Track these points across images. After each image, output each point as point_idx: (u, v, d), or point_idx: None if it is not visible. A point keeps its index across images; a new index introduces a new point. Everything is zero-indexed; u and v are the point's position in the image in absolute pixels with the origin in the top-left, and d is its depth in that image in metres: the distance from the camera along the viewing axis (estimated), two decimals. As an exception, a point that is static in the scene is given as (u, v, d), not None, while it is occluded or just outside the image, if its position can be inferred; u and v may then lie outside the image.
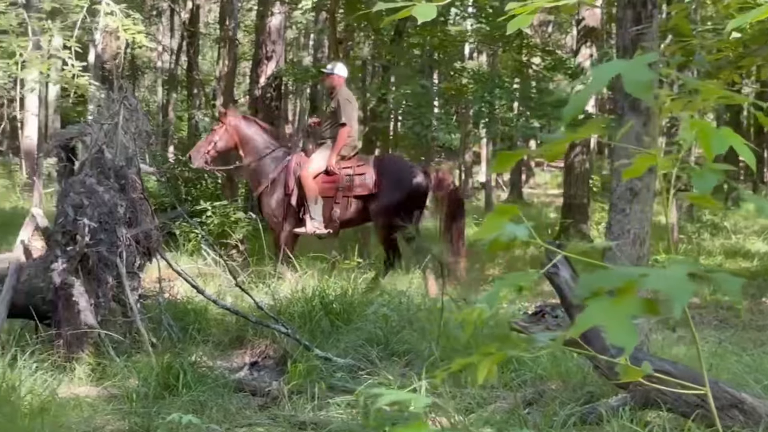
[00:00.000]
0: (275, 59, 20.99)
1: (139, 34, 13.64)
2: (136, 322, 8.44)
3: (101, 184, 8.62)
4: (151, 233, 8.86)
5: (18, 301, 8.73)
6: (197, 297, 10.08)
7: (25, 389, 6.75)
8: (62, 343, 8.19)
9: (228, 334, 9.69)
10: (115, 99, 8.97)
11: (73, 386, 7.48)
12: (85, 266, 8.40)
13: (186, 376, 7.31)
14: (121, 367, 7.78)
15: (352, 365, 8.17)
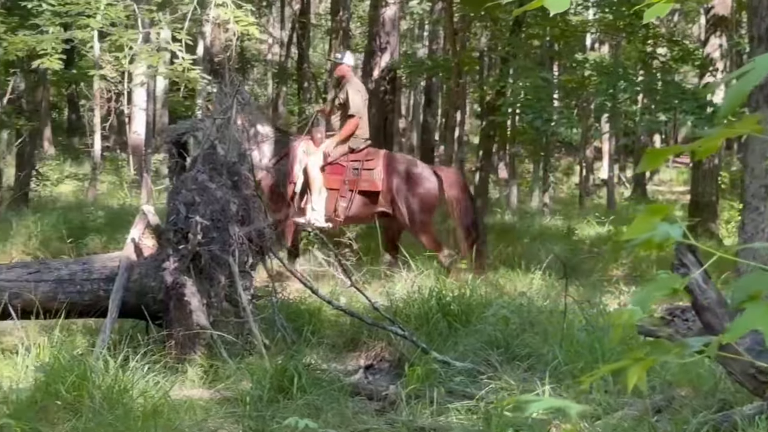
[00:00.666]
0: (389, 51, 21.02)
1: (251, 25, 13.74)
2: (249, 323, 8.48)
3: (213, 180, 8.69)
4: (264, 231, 8.90)
5: (129, 301, 8.86)
6: (310, 297, 10.12)
7: (137, 391, 6.83)
8: (174, 344, 8.28)
9: (342, 336, 9.69)
10: (228, 93, 9.03)
11: (185, 388, 7.55)
12: (197, 265, 8.46)
13: (301, 379, 7.33)
14: (234, 369, 7.84)
15: (472, 369, 8.12)
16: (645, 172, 36.46)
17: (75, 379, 6.80)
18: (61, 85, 40.07)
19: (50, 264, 9.66)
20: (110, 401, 6.59)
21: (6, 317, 8.80)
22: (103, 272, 9.15)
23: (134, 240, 9.21)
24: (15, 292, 8.92)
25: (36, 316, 8.61)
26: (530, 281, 12.56)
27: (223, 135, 8.85)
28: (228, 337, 8.32)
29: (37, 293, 8.89)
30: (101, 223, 19.08)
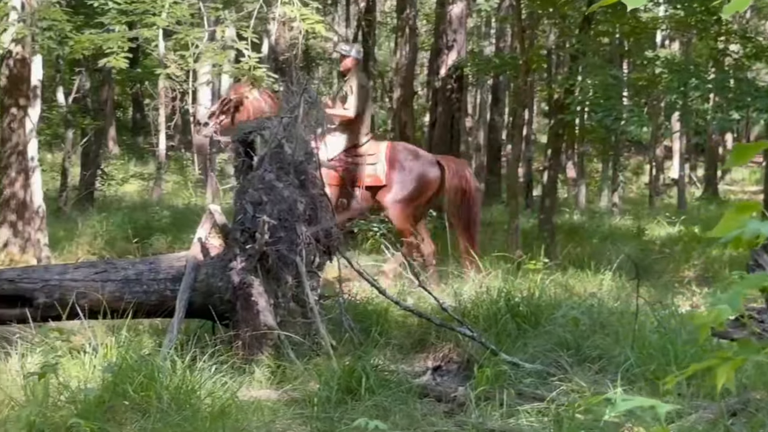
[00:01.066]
0: (456, 49, 21.01)
1: (318, 23, 13.77)
2: (316, 324, 8.50)
3: (280, 179, 8.71)
4: (332, 231, 8.92)
5: (195, 301, 8.92)
6: (377, 298, 10.12)
7: (205, 391, 6.88)
8: (241, 344, 8.32)
9: (410, 337, 9.68)
10: (295, 91, 9.05)
11: (252, 389, 7.58)
12: (264, 265, 8.50)
13: (368, 380, 7.33)
14: (301, 370, 7.86)
15: (542, 371, 8.08)
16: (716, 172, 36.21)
17: (143, 379, 6.85)
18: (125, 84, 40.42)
19: (117, 264, 9.76)
20: (178, 402, 6.64)
21: (73, 317, 8.89)
22: (169, 272, 9.22)
23: (201, 239, 9.26)
24: (82, 292, 9.01)
25: (103, 316, 8.69)
26: (600, 282, 12.50)
27: (290, 134, 8.88)
28: (295, 338, 8.35)
29: (103, 293, 8.97)
30: (166, 222, 19.24)
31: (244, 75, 14.08)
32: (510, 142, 32.70)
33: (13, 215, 15.28)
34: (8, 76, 15.08)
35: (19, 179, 15.18)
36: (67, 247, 16.28)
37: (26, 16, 14.09)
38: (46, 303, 9.02)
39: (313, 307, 8.56)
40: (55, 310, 9.00)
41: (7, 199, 15.32)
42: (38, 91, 14.76)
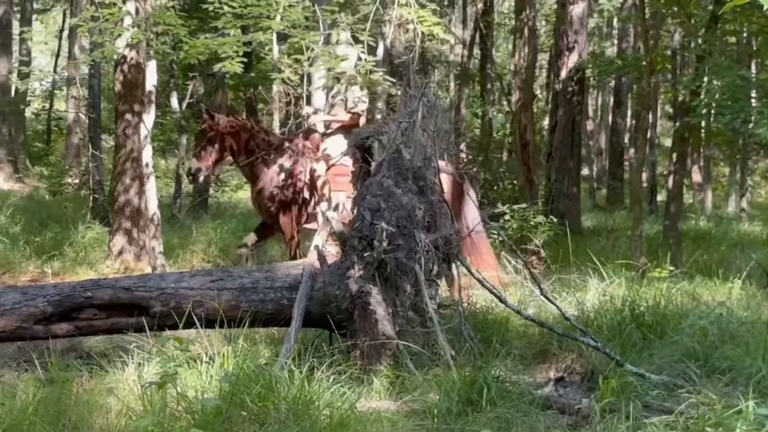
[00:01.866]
0: (577, 50, 20.90)
1: (436, 26, 13.75)
2: (436, 333, 8.48)
3: (399, 186, 8.72)
4: (451, 238, 8.90)
5: (312, 310, 8.96)
6: (497, 307, 10.08)
7: (323, 402, 6.89)
8: (359, 354, 8.33)
9: (531, 347, 9.62)
10: (413, 95, 9.05)
11: (371, 400, 7.59)
12: (383, 273, 8.49)
13: (490, 392, 7.29)
14: (420, 380, 7.85)
15: (669, 382, 7.98)
16: None
17: (260, 389, 6.90)
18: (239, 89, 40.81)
19: (233, 272, 9.83)
20: (296, 412, 6.67)
21: (189, 326, 8.99)
22: (286, 280, 9.28)
23: (318, 247, 9.30)
24: (198, 300, 9.12)
25: (219, 325, 8.77)
26: (729, 291, 12.27)
27: (408, 139, 8.88)
28: (414, 348, 8.34)
29: (220, 301, 9.07)
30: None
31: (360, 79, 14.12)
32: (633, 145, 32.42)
33: (127, 222, 15.53)
34: (123, 81, 15.34)
35: (133, 186, 15.43)
36: (182, 255, 16.48)
37: (141, 21, 14.29)
38: (162, 312, 9.15)
39: (432, 316, 8.54)
40: (171, 318, 9.12)
41: (122, 206, 15.57)
42: (153, 97, 14.94)
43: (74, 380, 7.73)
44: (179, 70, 24.44)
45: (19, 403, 6.69)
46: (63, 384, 7.32)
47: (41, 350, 9.16)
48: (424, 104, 9.00)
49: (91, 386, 7.63)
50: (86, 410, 6.82)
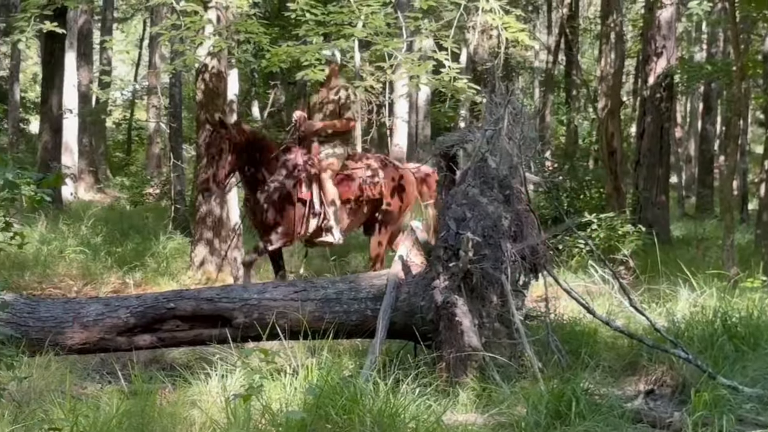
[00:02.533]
0: (665, 56, 20.74)
1: (521, 32, 13.71)
2: (523, 345, 8.44)
3: (484, 195, 8.69)
4: (538, 248, 8.86)
5: (397, 321, 8.97)
6: (585, 318, 10.03)
7: (408, 415, 6.89)
8: (445, 366, 8.32)
9: (620, 360, 9.56)
10: (499, 103, 9.02)
11: (457, 413, 7.57)
12: (468, 284, 8.47)
13: (578, 405, 7.24)
14: (507, 393, 7.81)
15: (763, 395, 7.89)
16: None
17: (345, 402, 6.90)
18: (320, 98, 40.99)
19: (316, 283, 9.88)
20: (381, 425, 6.67)
21: (273, 337, 9.04)
22: (370, 291, 9.30)
23: (402, 257, 9.30)
24: (281, 312, 9.18)
25: (303, 337, 8.81)
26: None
27: (494, 147, 8.86)
28: (501, 360, 8.31)
29: (303, 313, 9.11)
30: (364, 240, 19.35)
31: (444, 87, 14.11)
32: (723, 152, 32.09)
33: (209, 233, 15.63)
34: (204, 90, 15.44)
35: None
36: (264, 265, 16.53)
37: (222, 29, 14.41)
38: (245, 323, 9.23)
39: (519, 327, 8.49)
40: (254, 330, 9.19)
41: (204, 217, 15.68)
42: (234, 106, 15.11)
43: (158, 392, 7.78)
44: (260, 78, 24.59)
45: (103, 415, 6.75)
46: (146, 396, 7.37)
47: (124, 362, 9.27)
48: (509, 112, 8.97)
49: (175, 398, 7.68)
50: (170, 423, 6.87)
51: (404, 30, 14.34)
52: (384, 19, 14.09)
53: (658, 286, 12.07)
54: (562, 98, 37.40)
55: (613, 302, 11.12)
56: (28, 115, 45.48)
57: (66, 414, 6.63)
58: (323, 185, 12.65)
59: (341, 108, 12.97)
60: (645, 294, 11.81)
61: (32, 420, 6.57)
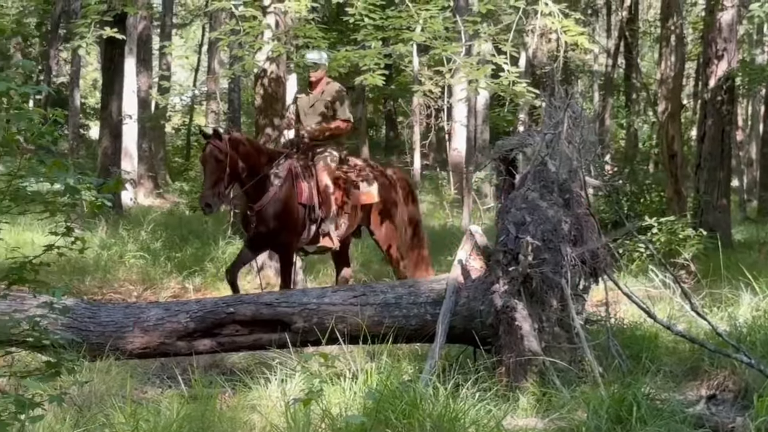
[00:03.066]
0: (726, 58, 20.57)
1: (580, 35, 13.66)
2: (583, 349, 8.41)
3: (544, 198, 8.68)
4: (598, 252, 8.82)
5: (456, 325, 8.97)
6: (646, 322, 9.97)
7: (468, 420, 6.88)
8: (504, 370, 8.30)
9: (681, 364, 9.51)
10: (558, 106, 9.01)
11: (517, 417, 7.55)
12: (528, 288, 8.45)
13: (640, 410, 7.21)
14: (567, 398, 7.78)
15: (828, 401, 7.80)
16: None
17: (405, 406, 6.90)
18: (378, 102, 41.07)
19: (375, 287, 9.88)
20: (441, 430, 6.67)
21: (332, 341, 9.07)
22: (429, 295, 9.30)
23: (461, 261, 9.30)
24: (341, 316, 9.20)
25: (363, 341, 8.82)
26: None
27: (553, 151, 8.84)
28: (561, 364, 8.28)
29: (362, 317, 9.13)
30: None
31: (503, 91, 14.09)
32: (785, 155, 31.83)
33: (269, 238, 15.66)
34: (263, 95, 15.51)
35: (274, 201, 15.55)
36: (323, 270, 16.59)
37: (281, 34, 14.47)
38: (304, 327, 9.26)
39: (579, 331, 8.47)
40: (314, 334, 9.23)
41: (261, 221, 15.71)
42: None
43: (218, 396, 7.84)
44: (318, 82, 24.65)
45: (164, 419, 6.80)
46: (207, 400, 7.42)
47: (184, 366, 9.32)
48: (569, 115, 8.95)
49: (235, 403, 7.73)
50: (230, 427, 6.91)
51: (463, 34, 14.34)
52: (443, 23, 14.09)
53: (720, 290, 11.96)
54: (622, 102, 37.23)
55: (674, 306, 11.06)
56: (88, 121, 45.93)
57: (127, 418, 6.68)
58: (322, 190, 12.42)
59: (334, 110, 12.83)
60: (706, 298, 11.72)
61: (93, 424, 6.63)
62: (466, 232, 9.71)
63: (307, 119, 12.89)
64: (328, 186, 12.43)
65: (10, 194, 6.00)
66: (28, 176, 6.07)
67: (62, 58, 43.84)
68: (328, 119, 12.80)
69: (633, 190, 22.34)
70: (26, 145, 6.11)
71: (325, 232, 12.46)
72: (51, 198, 6.32)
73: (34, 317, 6.71)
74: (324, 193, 12.40)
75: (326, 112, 12.82)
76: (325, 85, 12.93)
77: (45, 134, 5.95)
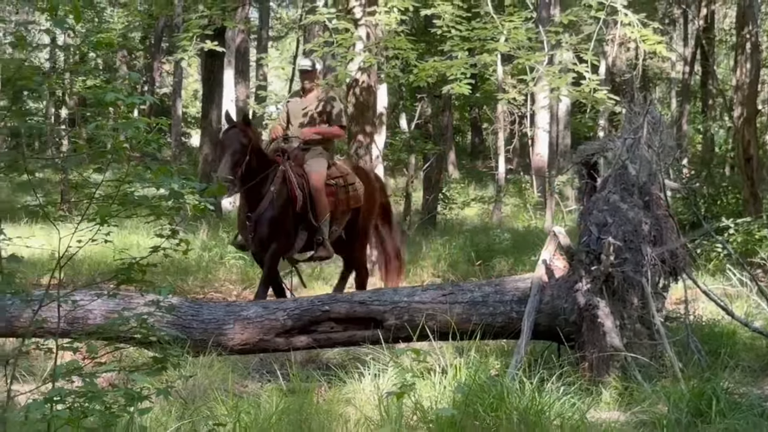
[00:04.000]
0: (801, 64, 20.32)
1: (659, 44, 13.56)
2: (663, 345, 8.35)
3: (624, 201, 8.63)
4: (677, 252, 8.75)
5: (541, 322, 8.93)
6: (724, 319, 9.88)
7: (553, 413, 6.86)
8: (587, 365, 8.27)
9: (759, 360, 9.40)
10: (638, 112, 8.95)
11: (600, 411, 7.51)
12: (610, 286, 8.41)
13: (719, 404, 7.14)
14: (649, 392, 7.72)
15: None
16: None
17: (492, 400, 6.90)
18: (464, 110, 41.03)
19: (463, 286, 9.87)
20: (527, 423, 6.65)
21: (422, 338, 9.07)
22: (515, 294, 9.27)
23: (546, 261, 9.26)
24: (430, 314, 9.19)
25: (453, 337, 8.82)
26: None
27: (633, 155, 8.78)
28: (642, 360, 8.23)
29: (451, 315, 9.12)
30: (507, 245, 19.33)
31: (584, 98, 14.03)
32: None
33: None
34: (355, 103, 15.58)
35: (365, 204, 15.62)
36: (412, 270, 16.61)
37: (371, 46, 14.52)
38: (395, 324, 9.26)
39: (660, 328, 8.41)
40: (405, 331, 9.22)
41: (354, 224, 15.78)
42: (383, 118, 15.21)
43: (314, 390, 7.87)
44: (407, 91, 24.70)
45: (264, 412, 6.85)
46: (304, 394, 7.46)
47: (282, 362, 9.37)
48: (648, 121, 8.88)
49: (330, 396, 7.75)
50: (326, 419, 6.93)
51: (545, 44, 14.28)
52: (526, 34, 14.07)
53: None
54: (699, 107, 36.88)
55: (751, 304, 10.96)
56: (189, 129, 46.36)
57: (229, 410, 6.74)
58: (315, 198, 11.70)
59: (328, 115, 12.20)
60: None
61: (198, 416, 6.69)
62: (549, 233, 9.66)
63: (297, 123, 12.27)
64: (320, 191, 11.76)
65: (118, 199, 6.08)
66: (134, 182, 6.15)
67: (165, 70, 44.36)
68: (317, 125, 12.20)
69: (710, 193, 22.10)
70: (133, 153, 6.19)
71: (319, 240, 11.83)
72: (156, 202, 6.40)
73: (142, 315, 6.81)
74: (317, 199, 11.73)
75: (317, 118, 12.21)
76: (319, 92, 12.35)
77: (151, 142, 6.02)
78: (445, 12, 13.77)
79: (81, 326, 8.74)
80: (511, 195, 32.35)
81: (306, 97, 12.30)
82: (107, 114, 25.57)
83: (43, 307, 6.20)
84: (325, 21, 15.08)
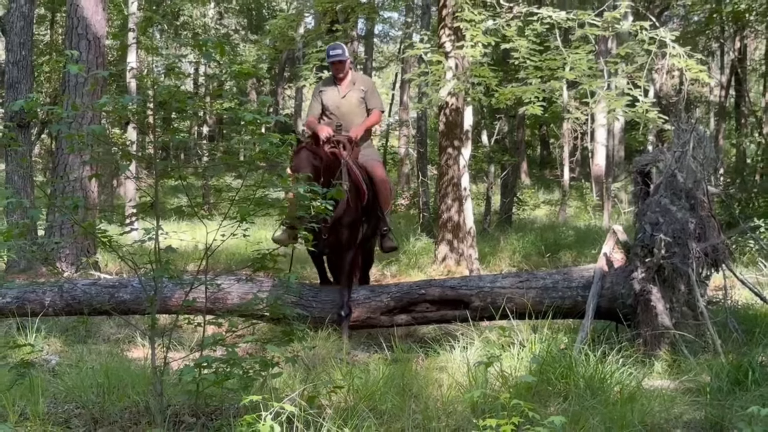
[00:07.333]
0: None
1: (701, 72, 13.40)
2: (706, 325, 8.25)
3: (674, 204, 8.53)
4: (718, 246, 8.64)
5: (602, 305, 8.88)
6: (757, 303, 9.72)
7: (614, 380, 6.80)
8: (642, 342, 8.21)
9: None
10: (685, 129, 8.85)
11: (652, 380, 7.42)
12: (661, 275, 8.35)
13: (754, 374, 7.02)
14: (694, 364, 7.63)
15: None
16: None
17: (562, 369, 6.88)
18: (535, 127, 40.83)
19: (536, 274, 9.86)
20: (592, 388, 6.61)
21: (503, 317, 9.07)
22: (580, 281, 9.22)
23: (606, 254, 9.19)
24: (509, 297, 9.20)
25: (529, 317, 8.79)
26: None
27: (681, 165, 8.68)
28: (688, 337, 8.12)
29: (527, 298, 9.11)
30: (571, 240, 19.24)
31: (638, 117, 13.90)
32: None
33: (449, 234, 15.75)
34: (445, 122, 15.64)
35: (454, 206, 15.65)
36: (492, 261, 16.59)
37: (459, 74, 14.51)
38: (480, 306, 9.29)
39: (703, 311, 8.31)
40: (488, 311, 9.26)
41: (445, 222, 15.82)
42: (469, 135, 15.22)
43: (413, 360, 7.91)
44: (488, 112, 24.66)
45: (372, 377, 6.87)
46: (405, 363, 7.50)
47: (385, 336, 9.41)
48: (694, 137, 8.77)
49: (427, 365, 7.76)
50: (424, 383, 6.95)
51: (605, 72, 14.14)
52: (588, 64, 13.96)
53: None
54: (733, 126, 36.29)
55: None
56: (307, 144, 46.62)
57: (344, 376, 6.77)
58: (381, 189, 10.10)
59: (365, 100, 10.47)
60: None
61: (319, 380, 6.74)
62: (609, 230, 9.58)
63: (342, 110, 10.42)
64: (386, 181, 10.28)
65: (255, 201, 6.16)
66: (268, 186, 6.22)
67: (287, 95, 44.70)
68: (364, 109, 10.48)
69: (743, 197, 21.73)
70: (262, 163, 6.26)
71: (385, 231, 10.35)
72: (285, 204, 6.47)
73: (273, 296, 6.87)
74: (383, 189, 10.15)
75: (359, 104, 10.47)
76: (354, 76, 10.69)
77: (281, 154, 6.09)
78: (521, 46, 13.71)
79: (221, 305, 8.86)
80: (574, 198, 32.09)
81: (341, 84, 10.48)
82: (240, 131, 25.79)
83: (192, 289, 6.30)
84: (421, 54, 15.13)
